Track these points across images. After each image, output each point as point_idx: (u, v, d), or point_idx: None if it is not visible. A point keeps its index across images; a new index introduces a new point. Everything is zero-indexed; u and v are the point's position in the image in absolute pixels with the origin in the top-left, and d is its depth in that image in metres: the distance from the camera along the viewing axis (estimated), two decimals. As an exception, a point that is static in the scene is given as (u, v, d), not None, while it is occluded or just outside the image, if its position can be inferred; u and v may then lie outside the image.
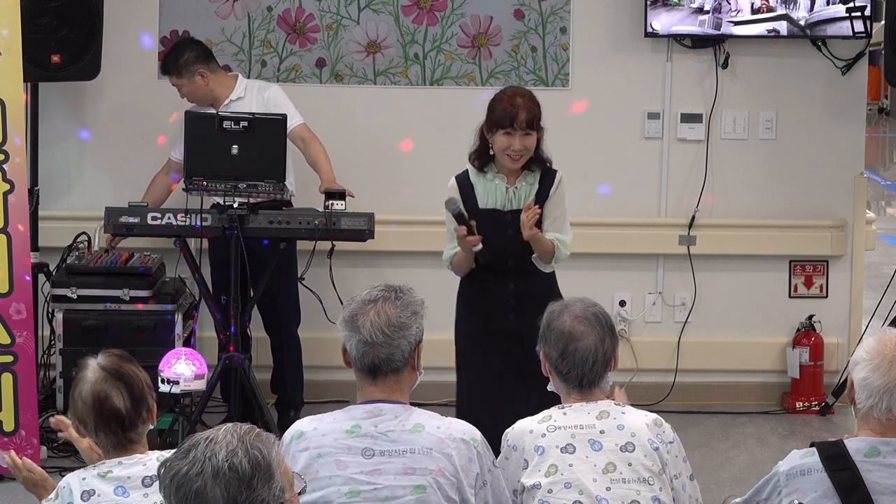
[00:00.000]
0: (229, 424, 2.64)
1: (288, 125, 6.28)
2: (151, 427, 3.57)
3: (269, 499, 2.55)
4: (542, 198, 5.24)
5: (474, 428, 3.55)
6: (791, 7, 6.95)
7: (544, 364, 3.81)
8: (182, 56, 6.51)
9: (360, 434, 3.47)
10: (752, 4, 6.95)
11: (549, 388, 3.85)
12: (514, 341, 5.19)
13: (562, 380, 3.76)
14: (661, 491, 3.61)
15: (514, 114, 5.12)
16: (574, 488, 3.58)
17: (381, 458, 3.45)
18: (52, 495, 3.49)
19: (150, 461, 3.41)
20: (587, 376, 3.72)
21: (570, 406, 3.73)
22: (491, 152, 5.22)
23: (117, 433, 3.47)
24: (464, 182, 5.27)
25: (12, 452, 3.88)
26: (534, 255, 5.27)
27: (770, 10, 6.95)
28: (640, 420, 3.69)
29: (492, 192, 5.24)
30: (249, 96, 6.59)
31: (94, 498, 3.39)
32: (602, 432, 3.64)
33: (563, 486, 3.58)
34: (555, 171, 5.31)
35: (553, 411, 3.72)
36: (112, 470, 3.43)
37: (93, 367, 3.51)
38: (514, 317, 5.25)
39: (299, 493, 2.71)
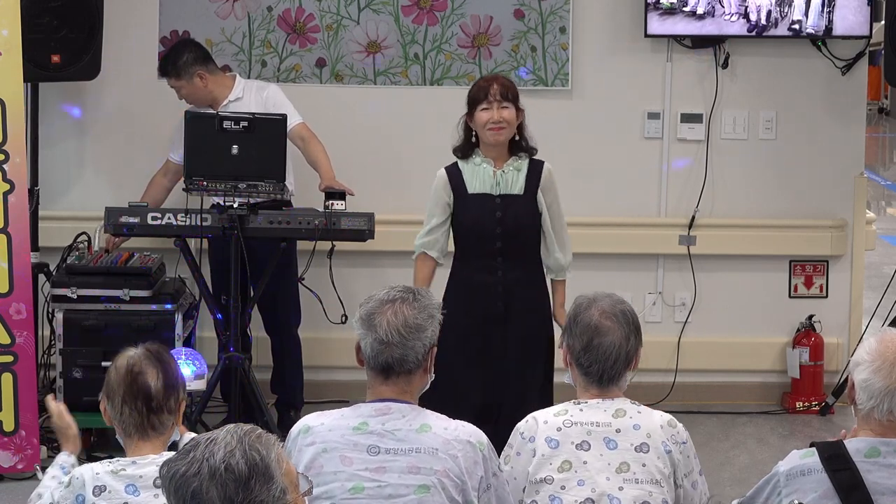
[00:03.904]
0: (232, 425, 2.64)
1: (287, 125, 6.29)
2: (178, 436, 3.58)
3: (268, 500, 2.54)
4: (531, 186, 5.43)
5: (481, 432, 3.55)
6: (788, 11, 6.95)
7: (565, 356, 3.81)
8: (180, 58, 6.50)
9: (367, 431, 3.48)
10: (750, 17, 6.95)
11: (567, 379, 3.86)
12: (499, 328, 5.35)
13: (582, 373, 3.75)
14: (669, 494, 3.62)
15: (487, 88, 5.41)
16: (587, 486, 3.58)
17: (386, 456, 3.45)
18: (66, 480, 3.50)
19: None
20: (608, 372, 3.72)
21: (587, 402, 3.73)
22: (474, 139, 5.43)
23: (142, 412, 3.50)
24: (453, 171, 5.48)
25: (50, 397, 4.05)
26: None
27: (770, 22, 6.95)
28: (655, 421, 3.70)
29: (479, 176, 5.43)
30: (248, 97, 6.58)
31: (105, 494, 3.40)
32: (618, 431, 3.65)
33: (577, 484, 3.59)
34: (542, 162, 5.48)
35: (569, 406, 3.73)
36: (125, 468, 3.44)
37: (135, 349, 3.61)
38: (501, 304, 5.40)
39: (305, 494, 2.70)
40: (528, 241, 5.45)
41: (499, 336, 5.38)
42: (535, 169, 5.45)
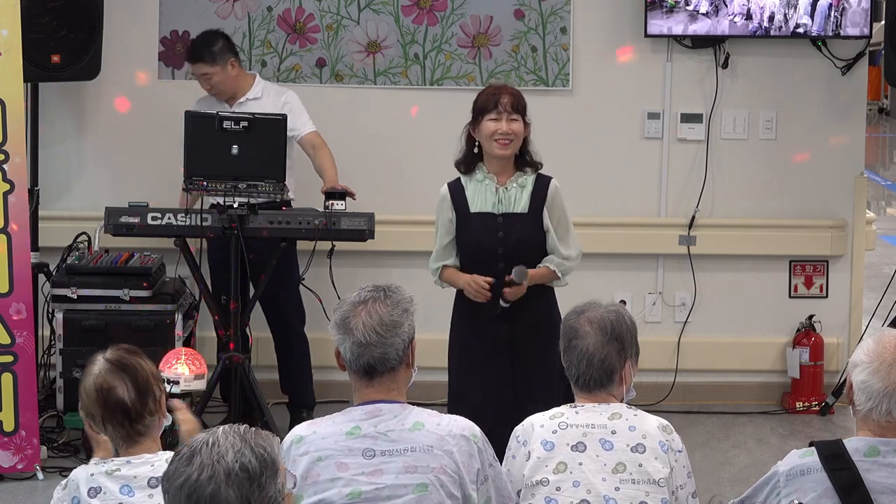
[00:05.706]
0: (226, 426, 2.67)
1: (300, 131, 6.42)
2: (167, 424, 3.58)
3: (276, 494, 2.60)
4: (535, 203, 5.24)
5: (473, 424, 3.54)
6: (793, 14, 6.95)
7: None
8: (216, 43, 6.52)
9: (360, 435, 3.47)
10: (753, 17, 6.95)
11: None
12: (506, 350, 5.23)
13: (567, 374, 3.77)
14: (669, 493, 3.59)
15: (497, 98, 5.21)
16: (582, 487, 3.57)
17: (381, 458, 3.44)
18: (63, 484, 3.50)
19: (158, 462, 3.42)
20: (582, 377, 3.72)
21: (583, 406, 3.73)
22: (476, 150, 5.25)
23: (124, 425, 3.48)
24: (456, 188, 5.29)
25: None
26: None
27: (773, 24, 6.95)
28: (651, 423, 3.68)
29: (481, 193, 5.25)
30: (266, 98, 6.59)
31: (101, 495, 3.40)
32: (613, 432, 3.64)
33: (572, 485, 3.57)
34: (549, 178, 5.29)
35: (565, 409, 3.72)
36: (120, 468, 3.44)
37: (99, 361, 3.54)
38: (506, 326, 5.24)
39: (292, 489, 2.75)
40: (533, 260, 5.24)
41: (507, 360, 5.24)
42: (542, 185, 5.25)
